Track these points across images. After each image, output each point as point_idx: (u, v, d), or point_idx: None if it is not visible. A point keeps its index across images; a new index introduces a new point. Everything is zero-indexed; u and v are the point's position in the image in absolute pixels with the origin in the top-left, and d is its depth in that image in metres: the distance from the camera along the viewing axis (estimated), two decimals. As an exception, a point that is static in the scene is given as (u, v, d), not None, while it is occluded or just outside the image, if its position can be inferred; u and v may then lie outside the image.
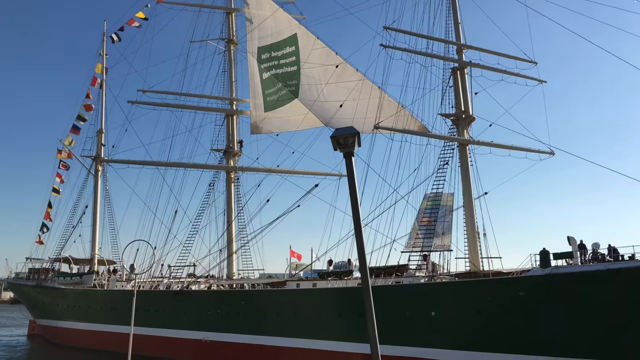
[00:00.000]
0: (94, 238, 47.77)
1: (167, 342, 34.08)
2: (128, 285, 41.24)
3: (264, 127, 39.52)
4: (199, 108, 41.95)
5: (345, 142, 6.71)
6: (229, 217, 39.34)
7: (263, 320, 30.49)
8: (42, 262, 49.84)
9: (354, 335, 26.38)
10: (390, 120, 30.83)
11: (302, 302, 29.44)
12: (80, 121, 48.10)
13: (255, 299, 31.95)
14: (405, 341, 24.75)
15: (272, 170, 38.61)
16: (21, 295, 53.88)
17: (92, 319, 40.21)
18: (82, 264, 48.59)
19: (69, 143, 47.84)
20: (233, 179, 40.32)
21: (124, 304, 37.53)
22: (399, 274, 28.08)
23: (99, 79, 49.10)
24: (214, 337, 32.44)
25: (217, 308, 32.99)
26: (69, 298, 42.98)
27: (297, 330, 29.07)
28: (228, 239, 38.66)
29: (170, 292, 35.63)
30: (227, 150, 40.69)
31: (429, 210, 29.04)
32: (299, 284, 31.83)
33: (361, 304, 23.22)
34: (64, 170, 48.29)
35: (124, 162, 44.29)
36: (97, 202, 48.05)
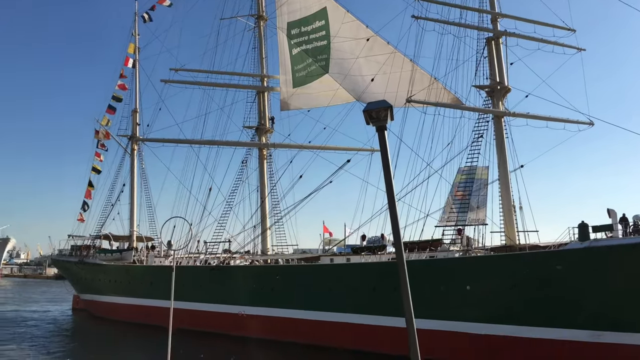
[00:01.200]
0: (132, 215, 49.04)
1: (205, 316, 34.94)
2: (166, 261, 42.30)
3: (293, 103, 39.45)
4: (230, 85, 42.08)
5: (377, 116, 6.62)
6: (262, 194, 39.68)
7: (297, 295, 30.88)
8: (84, 239, 51.51)
9: (388, 310, 26.53)
10: (423, 93, 30.34)
11: (336, 277, 29.66)
12: (116, 101, 48.96)
13: (290, 274, 32.33)
14: (440, 315, 24.73)
15: (303, 147, 38.62)
16: (65, 271, 55.91)
17: (132, 294, 41.51)
18: (121, 240, 50.03)
19: (105, 123, 48.88)
20: (265, 155, 40.53)
21: (162, 279, 38.58)
22: (432, 249, 27.95)
23: (131, 59, 49.73)
24: (250, 311, 33.08)
25: (252, 283, 33.56)
26: (109, 274, 44.39)
27: (331, 305, 29.37)
28: (262, 215, 39.07)
29: (206, 267, 36.37)
30: (259, 127, 40.84)
31: (463, 184, 28.66)
32: (332, 259, 32.02)
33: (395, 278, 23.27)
34: (102, 150, 49.45)
35: (159, 141, 45.04)
36: (134, 180, 49.18)
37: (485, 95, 30.48)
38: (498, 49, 30.43)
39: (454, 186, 29.31)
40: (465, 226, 28.13)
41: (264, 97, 41.41)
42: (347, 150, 37.48)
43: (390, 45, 33.60)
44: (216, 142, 41.64)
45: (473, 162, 28.54)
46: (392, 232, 6.64)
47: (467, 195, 28.13)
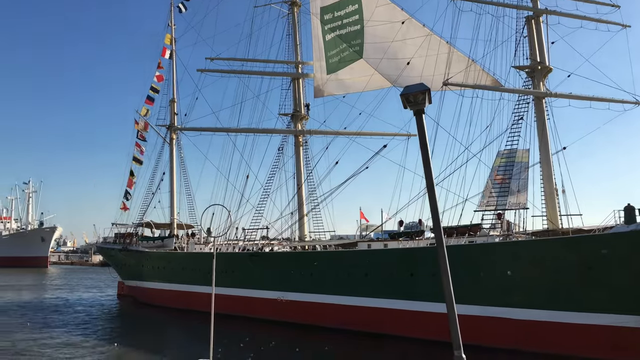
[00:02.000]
0: (172, 204, 50.09)
1: (245, 301, 35.51)
2: (205, 247, 43.11)
3: (327, 89, 39.30)
4: (265, 73, 42.25)
5: (415, 100, 6.52)
6: (299, 181, 39.87)
7: (335, 281, 31.04)
8: (127, 227, 52.91)
9: (427, 295, 26.41)
10: (460, 76, 29.76)
11: (374, 263, 29.65)
12: (154, 92, 49.82)
13: (328, 259, 32.49)
14: (480, 301, 24.46)
15: (339, 133, 38.53)
16: (109, 258, 57.65)
17: (174, 280, 42.50)
18: (162, 228, 51.20)
19: (144, 113, 49.81)
20: (301, 142, 40.63)
21: (202, 266, 39.38)
22: (472, 234, 27.58)
23: (168, 50, 50.43)
24: (289, 297, 33.45)
25: (290, 269, 33.88)
26: (152, 260, 45.55)
27: (369, 290, 29.42)
28: (299, 202, 39.30)
29: (245, 253, 36.89)
30: (295, 114, 40.94)
31: (503, 167, 28.10)
32: (370, 244, 31.99)
33: (433, 263, 23.04)
34: (142, 140, 50.47)
35: (196, 130, 45.75)
36: (173, 169, 50.19)
37: (526, 76, 29.69)
38: (538, 27, 29.52)
39: (493, 170, 28.78)
40: (506, 210, 27.63)
41: (298, 84, 41.41)
42: (383, 135, 37.19)
43: (426, 27, 33.06)
44: (252, 129, 41.97)
45: (513, 145, 27.94)
46: (432, 218, 6.56)
47: (507, 179, 27.58)
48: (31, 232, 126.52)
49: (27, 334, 30.58)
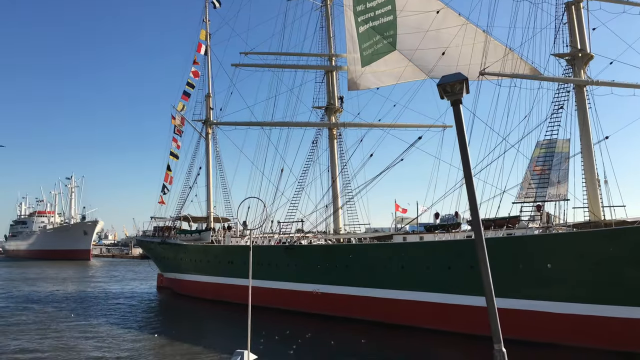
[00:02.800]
0: (209, 197, 50.87)
1: (281, 294, 35.82)
2: (242, 240, 43.63)
3: (361, 82, 39.02)
4: (299, 66, 42.33)
5: (452, 90, 6.41)
6: (333, 173, 39.87)
7: (371, 273, 30.98)
8: (165, 221, 54.02)
9: (464, 288, 26.11)
10: (497, 65, 29.15)
11: (410, 255, 29.46)
12: (190, 87, 50.52)
13: (363, 252, 32.44)
14: (519, 294, 24.05)
15: (373, 125, 38.33)
16: (149, 251, 58.98)
17: (211, 272, 43.19)
18: (199, 221, 52.06)
19: (181, 109, 50.59)
20: (335, 135, 40.59)
21: (239, 259, 39.90)
22: (510, 226, 27.07)
23: (203, 45, 51.02)
24: (324, 290, 33.56)
25: (326, 262, 33.97)
26: (190, 253, 46.38)
27: (405, 283, 29.27)
28: (333, 195, 39.32)
29: (281, 246, 37.17)
30: (328, 107, 40.90)
31: (542, 158, 27.43)
32: (405, 237, 31.77)
33: (471, 256, 22.72)
34: (179, 135, 51.33)
35: (231, 124, 46.32)
36: (209, 163, 50.88)
37: (566, 63, 28.85)
38: (579, 13, 28.61)
39: (532, 161, 28.12)
40: (545, 202, 27.01)
41: (332, 77, 41.32)
42: (418, 127, 36.81)
43: (461, 16, 32.46)
44: (286, 123, 42.18)
45: (553, 135, 27.23)
46: (470, 209, 6.45)
47: (547, 170, 26.92)
48: (74, 225, 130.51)
49: (71, 324, 31.63)
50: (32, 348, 24.35)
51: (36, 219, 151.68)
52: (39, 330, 29.36)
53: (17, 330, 29.41)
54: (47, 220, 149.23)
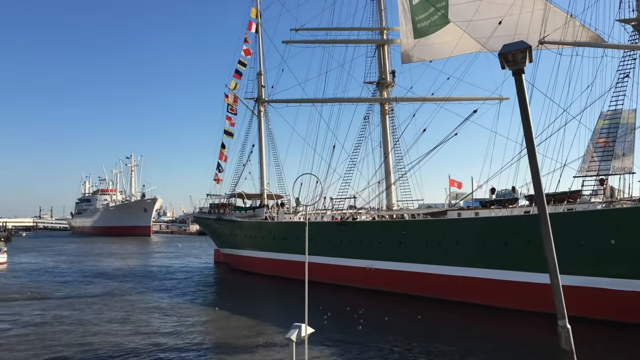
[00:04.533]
0: (262, 174, 51.64)
1: (335, 269, 36.18)
2: (295, 217, 44.18)
3: (414, 55, 38.14)
4: (350, 41, 41.90)
5: (514, 59, 6.17)
6: (386, 149, 39.55)
7: (425, 249, 30.78)
8: (220, 198, 55.36)
9: (522, 264, 25.57)
10: (558, 33, 27.82)
11: (465, 231, 29.03)
12: (241, 66, 50.97)
13: (416, 228, 32.21)
14: (581, 271, 23.30)
15: (426, 99, 37.60)
16: (205, 228, 60.70)
17: (265, 248, 44.07)
18: (253, 198, 53.01)
19: (233, 87, 51.21)
20: (387, 110, 40.14)
21: (293, 235, 40.47)
22: (571, 201, 26.13)
23: (254, 23, 51.21)
24: (377, 265, 33.64)
25: (379, 238, 33.97)
26: (244, 229, 47.42)
27: (460, 259, 28.94)
28: (386, 171, 39.08)
29: (334, 223, 37.40)
30: (380, 81, 40.40)
31: (606, 129, 26.17)
32: (460, 213, 31.28)
33: (529, 232, 22.19)
34: (232, 114, 52.06)
35: (283, 102, 46.68)
36: (262, 141, 51.55)
37: (632, 29, 27.20)
38: (648, -26, 26.83)
39: (595, 132, 26.90)
40: (609, 175, 25.85)
41: (384, 51, 40.69)
42: (473, 100, 35.86)
43: (518, -17, 31.04)
44: (338, 99, 42.01)
45: (618, 105, 25.88)
46: (533, 182, 6.26)
47: (611, 142, 25.69)
48: (135, 203, 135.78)
49: (135, 297, 33.15)
50: (99, 320, 25.70)
51: (99, 197, 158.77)
52: (105, 303, 30.94)
53: (85, 303, 31.10)
54: (109, 198, 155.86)
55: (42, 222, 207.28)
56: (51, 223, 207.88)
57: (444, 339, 20.91)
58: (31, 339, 21.48)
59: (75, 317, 26.16)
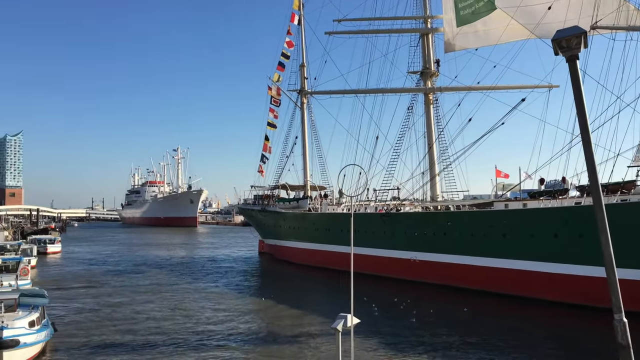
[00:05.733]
0: (305, 166, 51.87)
1: (378, 261, 36.09)
2: (338, 208, 44.25)
3: (458, 43, 37.31)
4: (393, 31, 41.39)
5: (568, 45, 5.98)
6: (430, 140, 39.04)
7: (470, 241, 30.32)
8: (264, 189, 55.98)
9: (572, 257, 24.87)
10: (611, 17, 26.70)
11: (512, 223, 28.41)
12: (284, 58, 51.21)
13: (462, 220, 31.74)
14: (637, 264, 22.45)
15: (472, 88, 36.84)
16: (250, 219, 61.58)
17: (309, 239, 44.36)
18: (296, 190, 53.37)
19: (276, 79, 51.54)
20: (432, 100, 39.56)
21: (336, 226, 40.57)
22: (625, 191, 25.17)
23: (297, 15, 51.30)
24: (422, 257, 33.36)
25: (423, 229, 33.66)
26: (288, 220, 47.85)
27: (507, 251, 28.37)
28: (430, 162, 38.59)
29: (377, 214, 37.26)
30: (424, 71, 39.84)
31: (664, 117, 25.03)
32: (507, 204, 30.62)
33: (580, 224, 21.45)
34: (275, 106, 52.43)
35: (326, 93, 46.69)
36: (305, 132, 51.72)
37: (693, 11, 25.87)
38: None
39: (651, 121, 25.77)
40: (666, 165, 24.75)
41: (427, 40, 40.06)
42: (521, 88, 34.90)
43: (569, -34, 29.92)
44: (381, 90, 41.67)
45: (677, 92, 24.69)
46: (588, 173, 6.06)
47: (669, 130, 24.56)
48: (181, 194, 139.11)
49: (183, 286, 34.02)
50: (150, 309, 26.53)
51: (148, 189, 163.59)
52: (155, 291, 31.90)
53: (137, 291, 32.15)
54: (157, 189, 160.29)
55: (94, 213, 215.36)
56: (103, 214, 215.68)
57: (493, 334, 20.56)
58: (87, 325, 22.40)
59: (127, 305, 27.11)
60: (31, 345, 16.60)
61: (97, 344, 19.24)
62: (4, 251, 38.56)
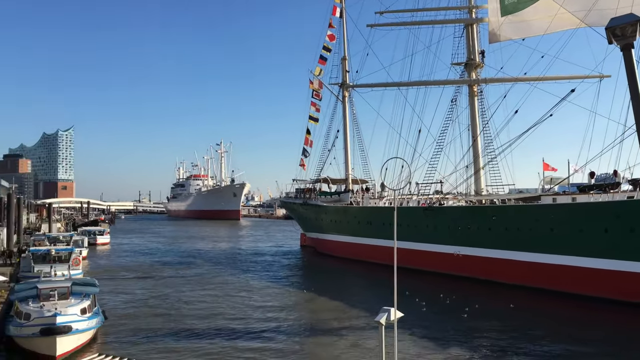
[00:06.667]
0: (347, 160, 51.81)
1: (420, 255, 35.75)
2: (380, 202, 44.02)
3: (503, 33, 36.29)
4: (436, 22, 40.73)
5: (622, 33, 5.78)
6: (474, 132, 38.31)
7: (516, 236, 29.66)
8: (305, 183, 56.22)
9: (623, 253, 24.02)
10: (668, 2, 25.49)
11: (560, 218, 27.61)
12: (326, 51, 51.13)
13: (507, 214, 31.05)
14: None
15: (518, 79, 35.89)
16: (292, 212, 62.00)
17: (350, 233, 44.33)
18: (338, 183, 53.37)
19: (318, 73, 51.55)
20: (476, 92, 38.77)
21: (378, 220, 40.39)
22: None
23: (338, 8, 51.11)
24: (465, 252, 32.87)
25: (467, 223, 33.12)
26: (330, 214, 47.94)
27: (554, 247, 27.64)
28: (474, 155, 37.88)
29: (420, 208, 36.88)
30: (468, 62, 39.05)
31: None
32: (555, 198, 29.77)
33: (633, 218, 20.63)
34: (317, 100, 52.49)
35: (367, 86, 46.44)
36: (346, 126, 51.61)
37: None
38: None
39: None
40: None
41: (472, 30, 39.23)
42: (571, 79, 33.78)
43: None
44: (424, 82, 41.14)
45: None
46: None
47: None
48: (225, 188, 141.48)
49: (227, 277, 34.64)
50: (195, 299, 27.16)
51: (192, 182, 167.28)
52: (200, 282, 32.62)
53: (183, 281, 32.95)
54: (201, 183, 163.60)
55: (141, 206, 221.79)
56: (149, 207, 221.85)
57: (545, 333, 20.00)
58: (135, 314, 23.15)
59: (173, 295, 27.82)
60: (83, 332, 17.28)
61: (145, 332, 19.85)
62: (57, 242, 40.17)
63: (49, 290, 18.58)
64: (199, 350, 17.59)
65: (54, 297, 18.38)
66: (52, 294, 18.50)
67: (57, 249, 31.58)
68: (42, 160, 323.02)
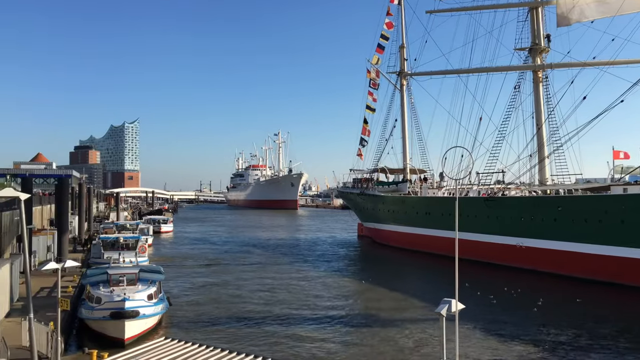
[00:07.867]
0: (405, 149, 51.19)
1: (481, 246, 34.94)
2: (438, 192, 43.28)
3: (574, 16, 34.57)
4: (499, 6, 39.35)
5: None
6: (539, 120, 36.89)
7: (583, 227, 28.44)
8: (363, 173, 56.02)
9: None
10: None
11: (632, 209, 26.23)
12: (384, 39, 50.53)
13: (574, 205, 29.81)
14: None
15: (587, 64, 34.21)
16: (349, 202, 62.02)
17: (408, 223, 43.86)
18: (396, 173, 52.87)
19: (375, 62, 51.05)
20: (541, 78, 37.27)
21: (437, 210, 39.75)
22: None
23: (396, -5, 50.31)
24: (529, 243, 31.85)
25: (530, 214, 32.05)
26: (387, 204, 47.60)
27: (626, 239, 26.32)
28: (538, 144, 36.52)
29: (481, 198, 35.99)
30: (533, 47, 37.57)
31: None
32: (626, 188, 28.29)
33: None
34: (374, 89, 52.02)
35: (426, 74, 45.62)
36: (404, 115, 50.93)
37: None
38: None
39: None
40: None
41: (537, 14, 37.66)
42: (644, 62, 31.89)
43: None
44: (485, 69, 39.99)
45: None
46: None
47: None
48: (283, 178, 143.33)
49: (286, 266, 35.13)
50: (257, 287, 27.73)
51: (251, 172, 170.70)
52: (260, 270, 33.25)
53: (244, 269, 33.70)
54: (260, 173, 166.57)
55: (202, 195, 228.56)
56: (210, 196, 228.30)
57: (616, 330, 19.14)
58: (198, 300, 23.91)
59: (234, 283, 28.53)
60: (149, 317, 17.98)
61: (208, 318, 20.48)
62: (124, 230, 41.94)
63: (118, 276, 19.43)
64: (259, 336, 17.96)
65: (123, 282, 19.22)
66: (122, 279, 19.34)
67: (125, 237, 32.99)
68: (110, 152, 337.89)
